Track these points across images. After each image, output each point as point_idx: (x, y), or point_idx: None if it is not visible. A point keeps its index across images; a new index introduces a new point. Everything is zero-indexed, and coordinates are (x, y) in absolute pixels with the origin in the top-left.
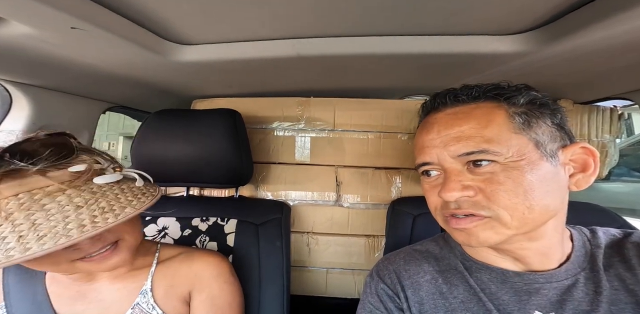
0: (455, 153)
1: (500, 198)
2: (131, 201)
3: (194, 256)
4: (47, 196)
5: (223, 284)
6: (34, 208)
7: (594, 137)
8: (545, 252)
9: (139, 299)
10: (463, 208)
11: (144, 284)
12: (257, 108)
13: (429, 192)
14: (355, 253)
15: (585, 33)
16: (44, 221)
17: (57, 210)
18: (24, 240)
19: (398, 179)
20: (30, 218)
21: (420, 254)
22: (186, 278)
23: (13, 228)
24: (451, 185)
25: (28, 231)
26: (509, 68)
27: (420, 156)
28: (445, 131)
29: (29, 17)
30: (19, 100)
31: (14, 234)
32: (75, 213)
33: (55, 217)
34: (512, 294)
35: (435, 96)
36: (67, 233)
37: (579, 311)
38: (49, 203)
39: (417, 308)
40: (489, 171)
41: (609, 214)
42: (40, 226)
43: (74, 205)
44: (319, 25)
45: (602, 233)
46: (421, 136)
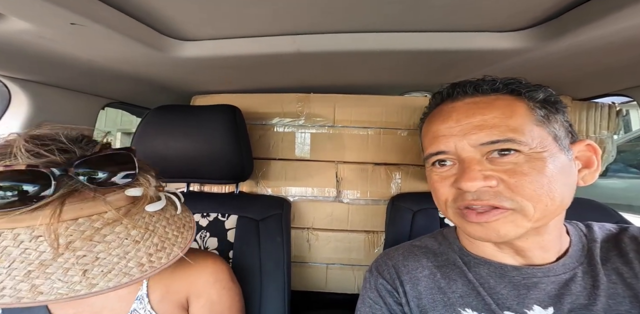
0: (477, 142)
1: (525, 189)
2: (177, 237)
3: (191, 260)
4: (107, 226)
5: (221, 290)
6: (95, 239)
7: (592, 134)
8: (545, 246)
9: (135, 305)
10: (483, 199)
11: (140, 289)
12: (257, 104)
13: (439, 184)
14: (355, 248)
15: (584, 30)
16: (106, 256)
17: (117, 244)
18: (89, 275)
19: (398, 175)
20: (92, 250)
21: (419, 249)
22: (182, 284)
23: (76, 260)
24: (472, 174)
25: (92, 266)
26: (509, 65)
27: (433, 145)
28: (465, 119)
29: (28, 12)
30: (17, 96)
31: (77, 266)
32: (134, 249)
33: (116, 252)
34: (510, 288)
35: (455, 85)
36: (129, 272)
37: (577, 304)
38: (109, 234)
39: (416, 302)
40: (512, 161)
41: (606, 209)
42: (104, 260)
43: (132, 239)
44: (319, 22)
45: (598, 228)
46: (434, 125)
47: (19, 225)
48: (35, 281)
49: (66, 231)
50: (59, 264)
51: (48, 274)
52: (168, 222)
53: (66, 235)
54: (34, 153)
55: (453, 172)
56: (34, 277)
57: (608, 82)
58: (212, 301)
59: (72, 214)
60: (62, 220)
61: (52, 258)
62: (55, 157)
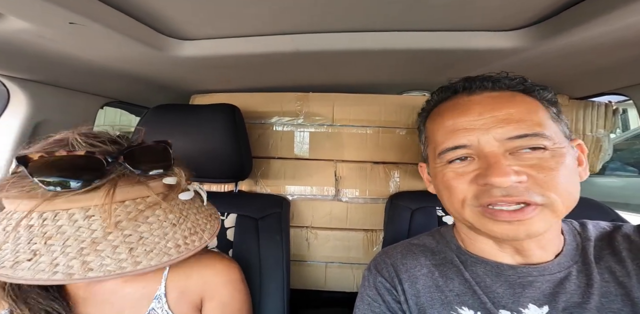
0: (503, 136)
1: (555, 184)
2: (206, 224)
3: (205, 261)
4: (149, 209)
5: (234, 292)
6: (139, 219)
7: (588, 132)
8: (545, 245)
9: (154, 304)
10: (514, 196)
11: (158, 288)
12: (256, 103)
13: (456, 181)
14: (354, 247)
15: (580, 30)
16: (149, 236)
17: (157, 225)
18: (134, 253)
19: (396, 173)
20: (137, 230)
21: (417, 248)
22: (197, 284)
23: (123, 238)
24: (503, 169)
25: (137, 244)
26: (506, 64)
27: (450, 139)
28: (489, 112)
29: (27, 12)
30: (16, 95)
31: (124, 245)
32: (172, 231)
33: (157, 233)
34: (506, 287)
35: (472, 79)
36: (167, 252)
37: (571, 303)
38: (150, 216)
39: (414, 300)
40: (538, 156)
41: (602, 207)
42: (147, 240)
43: (170, 222)
44: (317, 21)
45: (592, 226)
46: (450, 119)
47: (74, 205)
48: (87, 257)
49: (114, 211)
50: (109, 242)
51: (98, 252)
52: (198, 211)
53: (114, 215)
54: (89, 144)
55: (472, 168)
56: (86, 254)
57: (604, 81)
58: (224, 303)
59: (120, 197)
60: (114, 201)
61: (102, 236)
62: (107, 147)
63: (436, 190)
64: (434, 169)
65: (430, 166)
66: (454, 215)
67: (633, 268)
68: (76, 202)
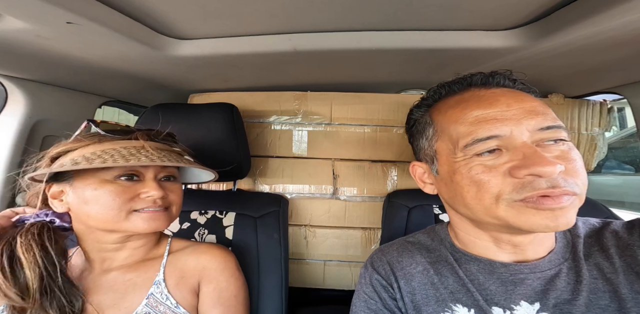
0: (535, 127)
1: (580, 175)
2: (192, 163)
3: (201, 249)
4: (172, 151)
5: (230, 278)
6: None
7: (583, 131)
8: (540, 240)
9: (152, 289)
10: (560, 187)
11: (157, 275)
12: (254, 102)
13: (487, 174)
14: (352, 245)
15: (575, 29)
16: (168, 154)
17: (169, 154)
18: (161, 158)
19: (394, 172)
20: (163, 152)
21: (413, 245)
22: (195, 270)
23: (153, 152)
24: (548, 159)
25: (161, 155)
26: (502, 63)
27: (481, 130)
28: (516, 104)
29: (24, 12)
30: (14, 94)
31: (155, 153)
32: (178, 157)
33: (173, 155)
34: (498, 284)
35: (490, 74)
36: (178, 161)
37: (561, 300)
38: (168, 153)
39: (410, 298)
40: (561, 148)
41: (597, 205)
42: (167, 156)
43: (179, 156)
44: (315, 20)
45: (582, 223)
46: (477, 109)
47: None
48: (129, 157)
49: (155, 148)
50: (145, 152)
51: (137, 155)
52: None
53: (152, 148)
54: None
55: (504, 161)
56: (130, 154)
57: (598, 80)
58: (221, 288)
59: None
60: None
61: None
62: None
63: (451, 188)
64: (452, 164)
65: (440, 162)
66: (478, 214)
67: (620, 264)
68: (116, 144)
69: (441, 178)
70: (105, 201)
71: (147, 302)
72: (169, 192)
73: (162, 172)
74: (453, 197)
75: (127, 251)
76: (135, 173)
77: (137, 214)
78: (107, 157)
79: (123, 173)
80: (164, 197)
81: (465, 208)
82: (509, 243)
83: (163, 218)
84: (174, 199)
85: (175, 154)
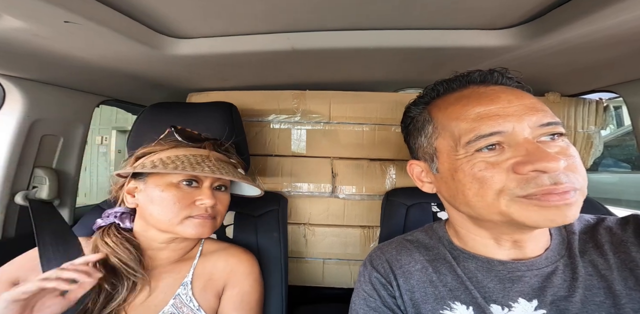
0: (536, 123)
1: (580, 170)
2: (246, 179)
3: (230, 252)
4: (229, 163)
5: (253, 283)
6: (223, 163)
7: (580, 129)
8: (536, 237)
9: (180, 290)
10: (563, 183)
11: (186, 276)
12: (253, 101)
13: (490, 171)
14: (351, 243)
15: (571, 28)
16: (225, 166)
17: (231, 167)
18: (218, 170)
19: (392, 170)
20: (221, 164)
21: (412, 244)
22: (223, 273)
23: (213, 165)
24: (552, 154)
25: (219, 168)
26: (499, 61)
27: (484, 126)
28: (517, 100)
29: (21, 11)
30: (12, 94)
31: (215, 166)
32: (235, 171)
33: (229, 168)
34: (496, 282)
35: (489, 72)
36: (233, 175)
37: (558, 296)
38: (228, 164)
39: (409, 295)
40: (561, 144)
41: (593, 203)
42: (224, 168)
43: (234, 170)
44: (313, 19)
45: (577, 220)
46: (479, 105)
47: (188, 153)
48: (195, 166)
49: (215, 159)
50: (205, 164)
51: (201, 166)
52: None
53: (214, 159)
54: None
55: (506, 157)
56: (194, 165)
57: (595, 79)
58: (244, 292)
59: (217, 155)
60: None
61: (206, 159)
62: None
63: (452, 185)
64: (454, 161)
65: (441, 160)
66: (480, 211)
67: (615, 261)
68: (188, 151)
69: (441, 176)
70: (168, 204)
71: (173, 302)
72: (219, 202)
73: (217, 182)
74: (454, 195)
75: (167, 252)
76: (195, 179)
77: (191, 220)
78: (178, 163)
79: (186, 178)
80: (214, 206)
81: (467, 206)
82: (509, 240)
83: (209, 226)
84: (221, 209)
85: (231, 167)
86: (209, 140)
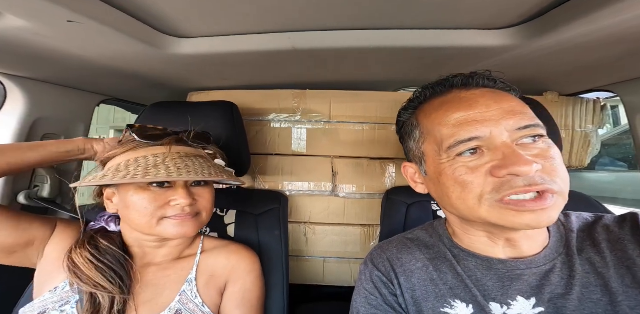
0: (513, 127)
1: (559, 172)
2: (225, 172)
3: (231, 249)
4: (196, 157)
5: (255, 279)
6: (190, 160)
7: (577, 128)
8: (533, 236)
9: (185, 287)
10: (537, 184)
11: (190, 273)
12: (254, 100)
13: (471, 175)
14: (352, 242)
15: (569, 28)
16: (192, 165)
17: (200, 164)
18: (180, 171)
19: (392, 169)
20: (187, 162)
21: (412, 242)
22: (224, 270)
23: (175, 164)
24: (525, 158)
25: (183, 168)
26: (498, 61)
27: (462, 131)
28: (495, 104)
29: (24, 10)
30: (13, 93)
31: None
32: (207, 167)
33: (198, 166)
34: (496, 280)
35: (470, 76)
36: (202, 173)
37: (556, 294)
38: (197, 160)
39: (410, 294)
40: (539, 146)
41: (590, 201)
42: (191, 167)
43: (207, 165)
44: (314, 19)
45: (575, 217)
46: (458, 111)
47: (149, 153)
48: (150, 170)
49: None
50: (165, 166)
51: (158, 169)
52: (224, 171)
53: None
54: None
55: (485, 161)
56: (149, 169)
57: (592, 78)
58: (246, 289)
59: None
60: (175, 151)
61: (161, 162)
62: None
63: (438, 188)
64: (438, 165)
65: (428, 163)
66: (463, 213)
67: (611, 258)
68: (148, 151)
69: (429, 179)
70: (140, 208)
71: (179, 299)
72: (199, 198)
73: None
74: (441, 197)
75: (167, 249)
76: (166, 180)
77: (168, 220)
78: (131, 169)
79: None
80: (192, 204)
81: (452, 207)
82: (502, 238)
83: (191, 224)
84: (205, 204)
85: (202, 160)
86: (169, 136)
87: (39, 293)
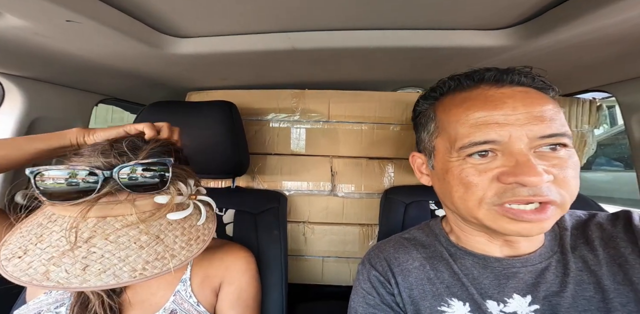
0: (537, 134)
1: (570, 183)
2: (182, 249)
3: (227, 249)
4: (125, 227)
5: (250, 279)
6: (111, 238)
7: (574, 128)
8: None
9: (179, 287)
10: (541, 195)
11: (184, 273)
12: (253, 100)
13: (476, 178)
14: (350, 241)
15: (566, 28)
16: (110, 256)
17: (125, 246)
18: (87, 271)
19: (390, 168)
20: (103, 248)
21: (409, 242)
22: (219, 270)
23: (87, 254)
24: (537, 169)
25: (94, 263)
26: (496, 61)
27: (479, 133)
28: (524, 108)
29: (23, 10)
30: (11, 92)
31: (84, 261)
32: (135, 254)
33: (120, 254)
34: (492, 278)
35: (504, 71)
36: (119, 275)
37: (550, 292)
38: (123, 236)
39: (407, 293)
40: (561, 156)
41: (586, 201)
42: (106, 260)
43: (139, 245)
44: (313, 19)
45: (568, 216)
46: (481, 110)
47: (66, 214)
48: (50, 267)
49: (94, 226)
50: (74, 255)
51: (62, 263)
52: (182, 233)
53: (91, 230)
54: (104, 154)
55: (496, 165)
56: (52, 263)
57: (589, 79)
58: (241, 288)
59: (102, 213)
60: (87, 217)
61: (69, 249)
62: (111, 159)
63: (442, 184)
64: (447, 162)
65: (437, 158)
66: (462, 212)
67: (604, 256)
68: (69, 212)
69: (435, 173)
70: None
71: (174, 299)
72: None
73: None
74: (444, 193)
75: None
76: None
77: None
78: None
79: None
80: None
81: (453, 205)
82: (500, 238)
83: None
84: None
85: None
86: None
87: (33, 295)
